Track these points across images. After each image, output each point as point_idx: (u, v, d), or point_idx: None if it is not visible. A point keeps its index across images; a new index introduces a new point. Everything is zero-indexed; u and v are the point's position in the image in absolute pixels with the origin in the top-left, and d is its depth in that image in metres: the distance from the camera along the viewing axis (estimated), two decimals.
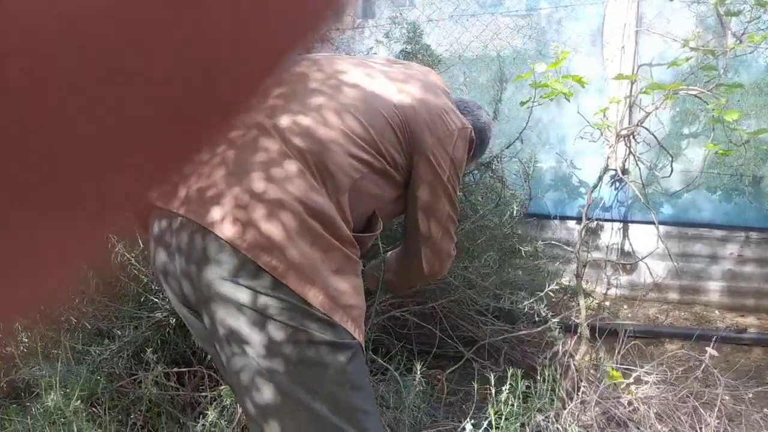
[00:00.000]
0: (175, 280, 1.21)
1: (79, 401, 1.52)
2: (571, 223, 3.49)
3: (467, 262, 2.16)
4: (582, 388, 1.97)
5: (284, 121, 1.20)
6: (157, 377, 1.71)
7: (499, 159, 2.49)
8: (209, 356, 1.99)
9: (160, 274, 1.27)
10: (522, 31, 3.43)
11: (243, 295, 1.09)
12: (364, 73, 1.37)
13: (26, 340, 1.70)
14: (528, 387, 1.69)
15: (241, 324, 1.09)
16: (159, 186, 1.16)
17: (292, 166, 1.15)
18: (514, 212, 2.27)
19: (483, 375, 1.86)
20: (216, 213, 1.11)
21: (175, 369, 1.78)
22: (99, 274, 1.84)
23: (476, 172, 2.55)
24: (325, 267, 1.13)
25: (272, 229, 1.09)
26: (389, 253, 1.68)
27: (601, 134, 2.94)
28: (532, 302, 2.13)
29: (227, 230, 1.09)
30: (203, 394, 1.86)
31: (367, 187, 1.27)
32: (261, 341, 1.09)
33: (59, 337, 1.64)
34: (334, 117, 1.24)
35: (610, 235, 3.44)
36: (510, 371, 1.63)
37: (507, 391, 1.55)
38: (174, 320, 1.82)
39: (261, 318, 1.09)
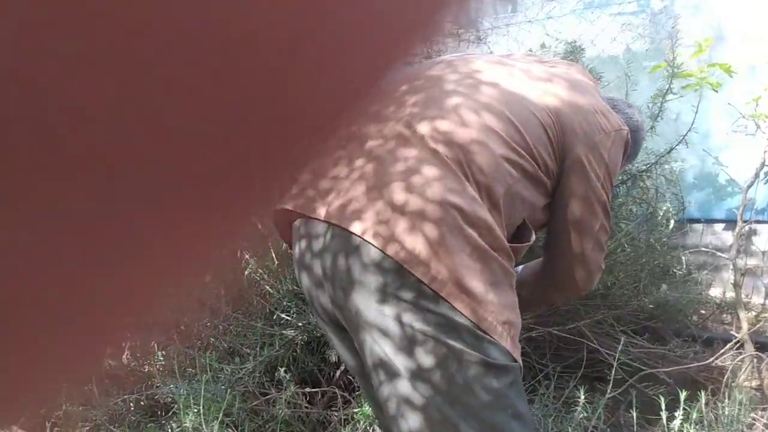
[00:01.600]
0: (323, 307, 1.17)
1: (216, 421, 1.51)
2: (719, 227, 3.15)
3: (612, 278, 1.97)
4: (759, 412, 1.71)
5: (423, 128, 1.12)
6: (290, 397, 1.68)
7: (655, 166, 2.23)
8: (340, 373, 1.94)
9: (306, 295, 1.24)
10: (641, 27, 3.16)
11: (390, 319, 1.02)
12: (503, 72, 1.26)
13: (162, 358, 1.72)
14: (700, 412, 1.48)
15: (389, 350, 1.02)
16: (296, 197, 1.12)
17: (431, 171, 1.07)
18: (670, 226, 2.03)
19: (642, 400, 1.66)
20: (357, 230, 1.05)
21: (308, 389, 1.73)
22: (230, 290, 1.84)
23: (628, 180, 2.31)
24: (484, 279, 1.04)
25: (416, 242, 1.01)
26: (521, 267, 1.53)
27: (758, 127, 2.62)
28: (686, 319, 1.90)
29: (371, 248, 1.03)
30: (334, 412, 1.81)
31: (520, 192, 1.17)
32: (411, 367, 1.01)
33: (194, 355, 1.65)
34: (473, 115, 1.14)
35: (767, 239, 3.07)
36: (683, 394, 1.43)
37: (681, 418, 1.36)
38: (303, 338, 1.78)
39: (410, 342, 1.01)
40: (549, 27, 2.58)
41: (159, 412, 1.70)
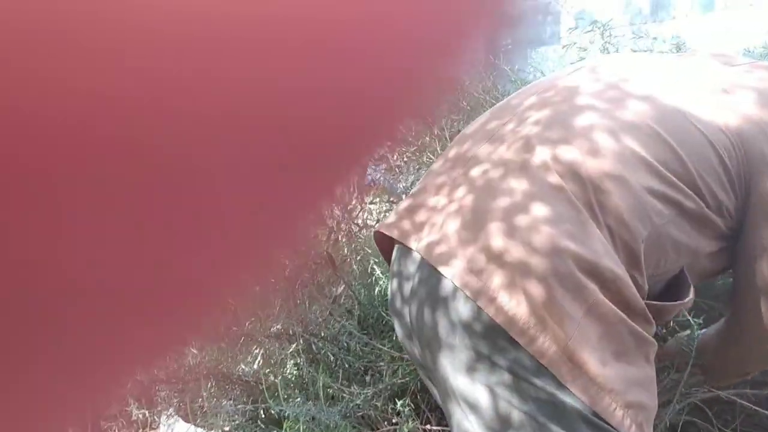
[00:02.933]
0: (418, 361, 1.04)
1: None
2: None
3: None
4: None
5: (540, 154, 0.91)
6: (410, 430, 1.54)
7: None
8: None
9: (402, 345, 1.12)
10: None
11: (482, 392, 0.84)
12: (664, 80, 0.98)
13: (291, 373, 1.70)
14: None
15: (478, 428, 0.85)
16: (391, 226, 0.98)
17: (542, 209, 0.86)
18: None
19: None
20: (445, 279, 0.88)
21: (428, 427, 1.58)
22: (363, 308, 1.76)
23: None
24: (602, 347, 0.82)
25: (517, 301, 0.82)
26: (703, 331, 1.20)
27: None
28: None
29: (460, 303, 0.86)
30: None
31: (672, 235, 0.91)
32: None
33: (317, 372, 1.59)
34: (609, 140, 0.89)
35: None
36: None
37: None
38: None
39: (503, 422, 0.83)
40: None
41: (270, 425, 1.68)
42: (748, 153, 0.93)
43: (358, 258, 1.78)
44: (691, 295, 0.95)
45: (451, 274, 0.87)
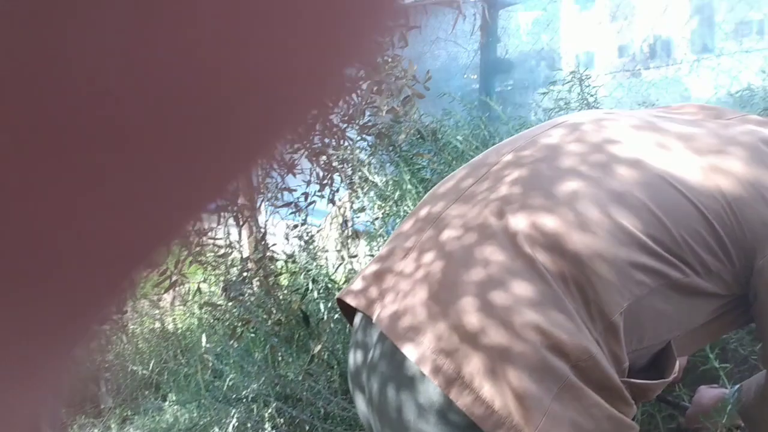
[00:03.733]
0: None
1: None
2: None
3: None
4: None
5: (519, 221, 0.83)
6: None
7: None
8: None
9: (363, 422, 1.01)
10: None
11: None
12: (652, 142, 0.91)
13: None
14: None
15: None
16: (358, 294, 0.88)
17: (524, 288, 0.78)
18: None
19: None
20: (412, 356, 0.79)
21: None
22: (341, 367, 1.65)
23: None
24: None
25: (500, 393, 0.74)
26: (737, 387, 1.08)
27: None
28: None
29: (430, 388, 0.77)
30: None
31: (654, 307, 0.83)
32: None
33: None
34: (596, 212, 0.82)
35: None
36: None
37: None
38: None
39: None
40: (747, 62, 2.02)
41: None
42: (745, 219, 0.85)
43: (335, 316, 1.68)
44: (675, 371, 0.87)
45: (419, 354, 0.77)
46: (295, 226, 1.83)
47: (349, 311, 1.03)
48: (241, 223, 1.89)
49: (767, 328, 0.91)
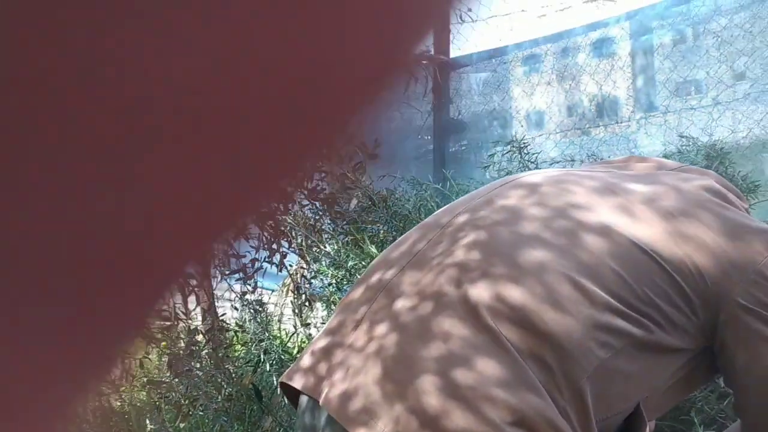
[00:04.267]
0: None
1: None
2: None
3: None
4: None
5: (481, 291, 0.77)
6: None
7: None
8: None
9: None
10: None
11: None
12: (616, 207, 0.87)
13: None
14: None
15: None
16: (306, 372, 0.80)
17: (491, 367, 0.72)
18: None
19: None
20: None
21: None
22: None
23: None
24: None
25: None
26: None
27: None
28: None
29: None
30: None
31: (620, 370, 0.79)
32: None
33: None
34: (567, 288, 0.77)
35: None
36: None
37: None
38: None
39: None
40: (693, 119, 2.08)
41: None
42: (708, 273, 0.82)
43: None
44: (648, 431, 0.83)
45: None
46: (244, 294, 1.73)
47: (294, 390, 0.94)
48: (187, 291, 1.79)
49: (736, 377, 0.89)
